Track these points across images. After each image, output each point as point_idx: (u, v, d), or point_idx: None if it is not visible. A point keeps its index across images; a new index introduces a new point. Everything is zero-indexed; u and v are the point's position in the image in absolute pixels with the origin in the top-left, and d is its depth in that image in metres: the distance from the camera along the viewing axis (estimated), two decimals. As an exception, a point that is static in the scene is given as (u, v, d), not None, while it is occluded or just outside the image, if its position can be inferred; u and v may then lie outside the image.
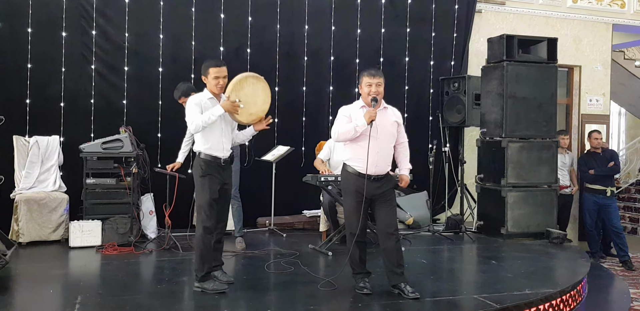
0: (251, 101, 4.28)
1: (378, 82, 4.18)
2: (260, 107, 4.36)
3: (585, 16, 8.69)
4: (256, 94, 4.31)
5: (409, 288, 4.09)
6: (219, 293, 4.09)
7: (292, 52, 7.22)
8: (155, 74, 6.69)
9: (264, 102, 4.38)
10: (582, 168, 7.56)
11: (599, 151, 7.47)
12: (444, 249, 6.09)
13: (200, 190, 4.21)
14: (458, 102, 7.41)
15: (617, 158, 7.50)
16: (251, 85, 4.27)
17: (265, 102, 4.39)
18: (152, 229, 6.12)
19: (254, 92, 4.29)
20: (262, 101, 4.36)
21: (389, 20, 7.59)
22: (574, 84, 8.90)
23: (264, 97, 4.37)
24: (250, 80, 4.28)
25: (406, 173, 4.38)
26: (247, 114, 4.29)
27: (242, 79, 4.23)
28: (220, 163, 4.26)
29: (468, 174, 7.39)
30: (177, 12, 6.75)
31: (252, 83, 4.29)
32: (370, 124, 4.07)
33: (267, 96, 4.39)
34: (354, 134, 4.12)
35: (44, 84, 6.36)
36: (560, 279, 4.83)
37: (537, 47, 6.80)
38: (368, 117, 4.06)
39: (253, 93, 4.28)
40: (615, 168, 7.37)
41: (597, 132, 7.60)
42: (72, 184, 6.10)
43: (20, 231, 5.68)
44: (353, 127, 4.11)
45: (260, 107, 4.36)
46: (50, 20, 6.36)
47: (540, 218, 6.57)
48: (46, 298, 4.11)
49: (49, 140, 6.06)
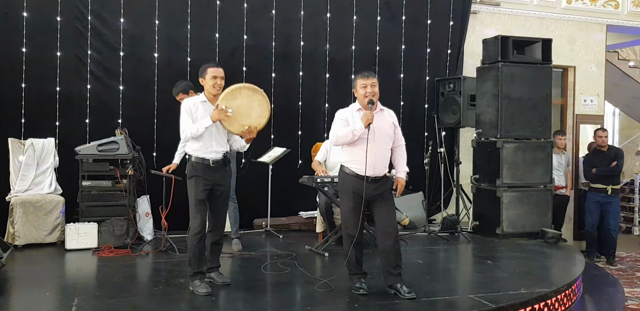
0: (244, 112, 4.21)
1: (372, 82, 4.19)
2: (254, 120, 4.26)
3: (579, 17, 8.72)
4: (251, 106, 4.23)
5: (405, 289, 4.10)
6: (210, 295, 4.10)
7: (287, 54, 7.23)
8: (150, 76, 6.69)
9: (260, 116, 4.28)
10: (586, 167, 7.56)
11: (605, 150, 7.46)
12: (439, 249, 6.10)
13: (188, 191, 4.31)
14: (453, 103, 7.44)
15: (620, 158, 7.42)
16: (246, 97, 4.21)
17: (262, 116, 4.29)
18: (149, 231, 6.12)
19: (248, 103, 4.22)
20: (257, 114, 4.27)
21: (384, 22, 7.60)
22: (568, 84, 8.93)
23: (260, 111, 4.27)
24: (245, 91, 4.21)
25: (402, 176, 4.36)
26: (239, 125, 4.22)
27: (235, 89, 4.18)
28: (209, 164, 4.27)
29: (463, 175, 7.41)
30: (172, 14, 6.75)
31: (247, 95, 4.22)
32: (367, 127, 4.08)
33: (264, 110, 4.29)
34: (352, 137, 4.13)
35: (39, 86, 6.34)
36: (556, 278, 4.85)
37: (532, 48, 6.83)
38: (365, 120, 4.07)
39: (247, 105, 4.21)
40: (616, 169, 7.35)
41: (602, 130, 7.57)
42: (68, 187, 6.09)
43: (16, 233, 5.67)
44: (351, 131, 4.12)
45: (254, 120, 4.26)
46: (45, 22, 6.35)
47: (535, 218, 6.60)
48: (43, 300, 4.11)
49: (45, 142, 6.05)
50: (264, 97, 4.31)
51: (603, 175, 7.35)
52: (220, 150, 4.32)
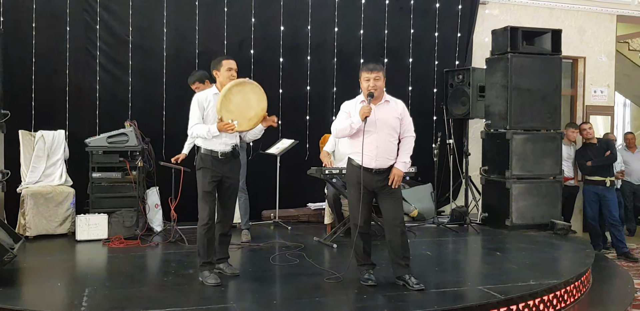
0: (244, 106, 4.22)
1: (376, 76, 4.17)
2: (256, 108, 4.29)
3: (589, 7, 8.64)
4: (246, 98, 4.24)
5: (414, 280, 4.11)
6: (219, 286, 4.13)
7: (295, 46, 7.22)
8: (159, 68, 6.69)
9: (259, 101, 4.30)
10: (579, 161, 7.54)
11: (595, 142, 7.44)
12: (448, 241, 6.10)
13: (197, 182, 4.34)
14: (462, 94, 7.41)
15: (613, 147, 7.43)
16: (237, 93, 4.20)
17: (260, 101, 4.30)
18: (158, 222, 6.15)
19: (243, 97, 4.22)
20: (256, 102, 4.28)
21: (392, 14, 7.56)
22: (578, 75, 8.87)
23: (256, 97, 4.29)
24: (235, 89, 4.19)
25: (399, 167, 4.23)
26: (247, 121, 4.26)
27: (226, 93, 4.15)
28: (218, 157, 4.28)
29: (472, 167, 7.39)
30: (180, 5, 6.75)
31: (238, 91, 4.21)
32: (364, 120, 4.07)
33: (259, 95, 4.30)
34: (350, 130, 4.15)
35: (49, 78, 6.38)
36: (565, 270, 4.85)
37: (542, 39, 6.77)
38: (362, 114, 4.07)
39: (243, 99, 4.22)
40: (611, 157, 7.31)
41: (585, 123, 7.61)
42: (78, 178, 6.13)
43: (27, 225, 5.72)
44: (349, 124, 4.13)
45: (256, 108, 4.29)
46: (54, 15, 6.38)
47: (544, 210, 6.58)
48: (54, 290, 4.15)
49: (55, 134, 6.09)
50: (251, 84, 4.32)
51: (599, 166, 7.30)
52: (229, 142, 4.34)
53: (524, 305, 4.01)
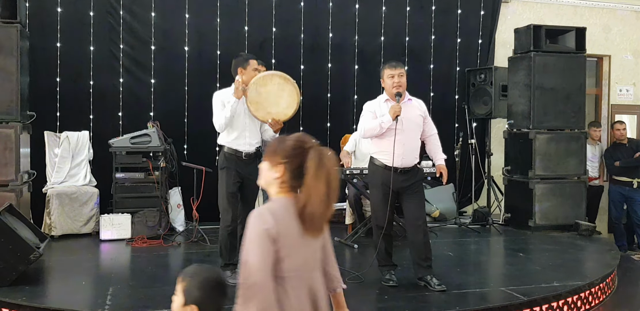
0: (272, 100, 4.21)
1: (400, 73, 4.17)
2: (282, 110, 4.25)
3: (614, 4, 8.50)
4: (280, 95, 4.23)
5: (435, 281, 4.09)
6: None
7: (316, 46, 7.22)
8: (181, 69, 6.76)
9: (288, 107, 4.26)
10: (607, 161, 7.44)
11: (625, 142, 7.33)
12: (470, 241, 6.06)
13: (219, 182, 4.34)
14: (485, 93, 7.34)
15: None
16: (277, 85, 4.21)
17: (289, 107, 4.27)
18: (180, 222, 6.20)
19: (277, 92, 4.22)
20: (285, 105, 4.25)
21: (414, 12, 7.53)
22: (603, 74, 8.74)
23: (289, 101, 4.26)
24: (277, 79, 4.22)
25: (442, 163, 4.33)
26: (265, 112, 4.23)
27: (267, 76, 4.20)
28: (242, 157, 4.29)
29: (495, 167, 7.33)
30: (201, 7, 6.80)
31: (279, 83, 4.22)
32: (395, 119, 4.06)
33: (292, 101, 4.26)
34: (380, 130, 4.12)
35: (74, 80, 6.48)
36: (589, 271, 4.78)
37: (565, 37, 6.69)
38: (393, 113, 4.05)
39: (276, 93, 4.22)
40: None
41: (620, 123, 7.47)
42: (102, 179, 6.21)
43: (53, 224, 5.81)
44: (379, 124, 4.10)
45: (282, 110, 4.25)
46: (79, 17, 6.47)
47: (568, 210, 6.50)
48: (79, 289, 4.21)
49: (79, 135, 6.17)
50: (294, 88, 4.30)
51: (627, 167, 7.19)
52: (253, 142, 4.35)
53: (548, 307, 3.97)
